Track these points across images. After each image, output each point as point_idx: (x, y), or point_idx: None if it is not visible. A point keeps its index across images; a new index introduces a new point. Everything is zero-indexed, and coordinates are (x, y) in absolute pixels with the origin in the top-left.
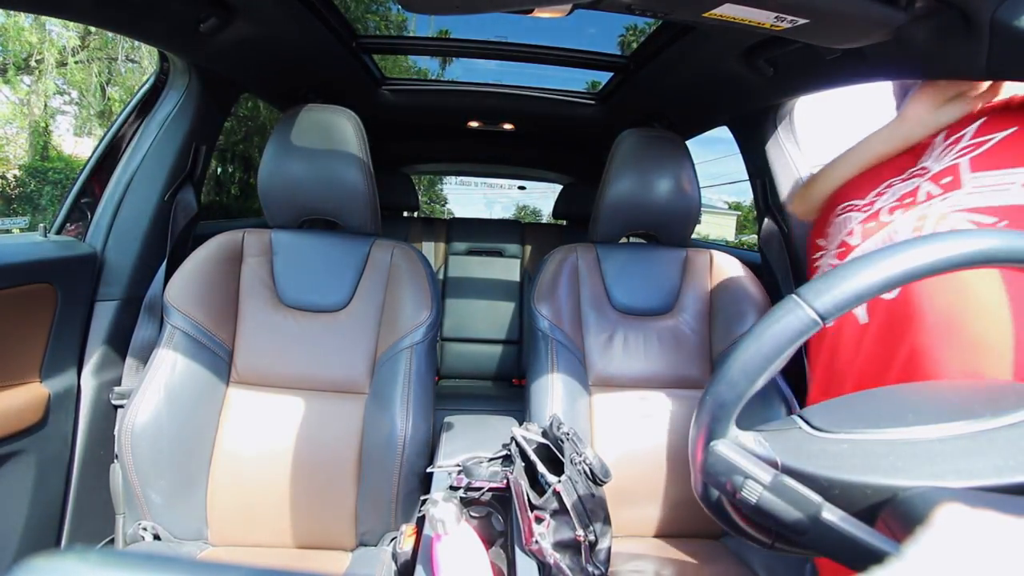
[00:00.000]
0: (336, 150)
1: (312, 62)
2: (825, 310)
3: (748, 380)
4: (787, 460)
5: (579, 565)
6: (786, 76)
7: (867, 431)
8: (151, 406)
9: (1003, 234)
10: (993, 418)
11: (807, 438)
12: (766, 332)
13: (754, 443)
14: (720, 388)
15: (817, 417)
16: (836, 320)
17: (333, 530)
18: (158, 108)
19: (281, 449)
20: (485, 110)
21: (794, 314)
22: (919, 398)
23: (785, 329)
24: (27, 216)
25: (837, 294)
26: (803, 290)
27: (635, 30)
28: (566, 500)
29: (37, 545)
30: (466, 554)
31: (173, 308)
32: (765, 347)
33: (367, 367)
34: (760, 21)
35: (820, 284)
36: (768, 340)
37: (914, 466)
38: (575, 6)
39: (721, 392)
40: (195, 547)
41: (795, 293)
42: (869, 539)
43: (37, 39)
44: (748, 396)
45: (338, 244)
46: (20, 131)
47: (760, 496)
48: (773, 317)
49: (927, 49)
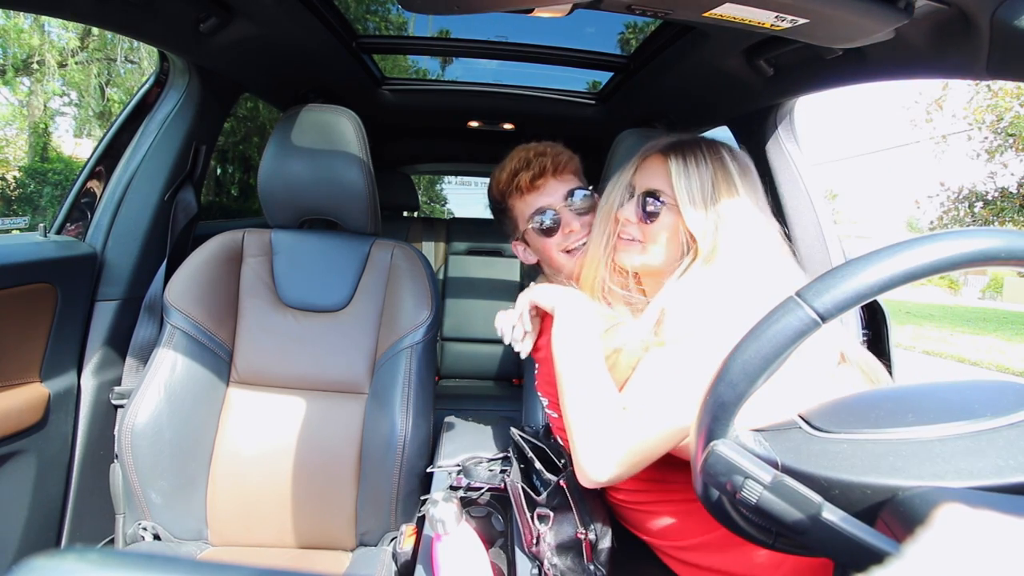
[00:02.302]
0: (336, 150)
1: (312, 62)
2: (825, 310)
3: (748, 381)
4: (787, 460)
5: (580, 566)
6: (786, 76)
7: (867, 431)
8: (151, 406)
9: (1004, 233)
10: (993, 418)
11: (807, 438)
12: (766, 332)
13: (754, 443)
14: (720, 388)
15: (817, 417)
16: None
17: (333, 530)
18: (158, 108)
19: (281, 449)
20: (485, 110)
21: (794, 314)
22: (919, 398)
23: (785, 329)
24: (27, 216)
25: (837, 294)
26: (803, 291)
27: (635, 30)
28: (569, 496)
29: (37, 545)
30: (466, 554)
31: (173, 308)
32: (765, 348)
33: (367, 367)
34: (760, 21)
35: (820, 284)
36: (768, 341)
37: (914, 466)
38: (575, 6)
39: (722, 392)
40: (195, 547)
41: (796, 294)
42: (869, 539)
43: (38, 41)
44: (748, 397)
45: (338, 244)
46: (20, 132)
47: (760, 496)
48: (773, 317)
49: (927, 49)
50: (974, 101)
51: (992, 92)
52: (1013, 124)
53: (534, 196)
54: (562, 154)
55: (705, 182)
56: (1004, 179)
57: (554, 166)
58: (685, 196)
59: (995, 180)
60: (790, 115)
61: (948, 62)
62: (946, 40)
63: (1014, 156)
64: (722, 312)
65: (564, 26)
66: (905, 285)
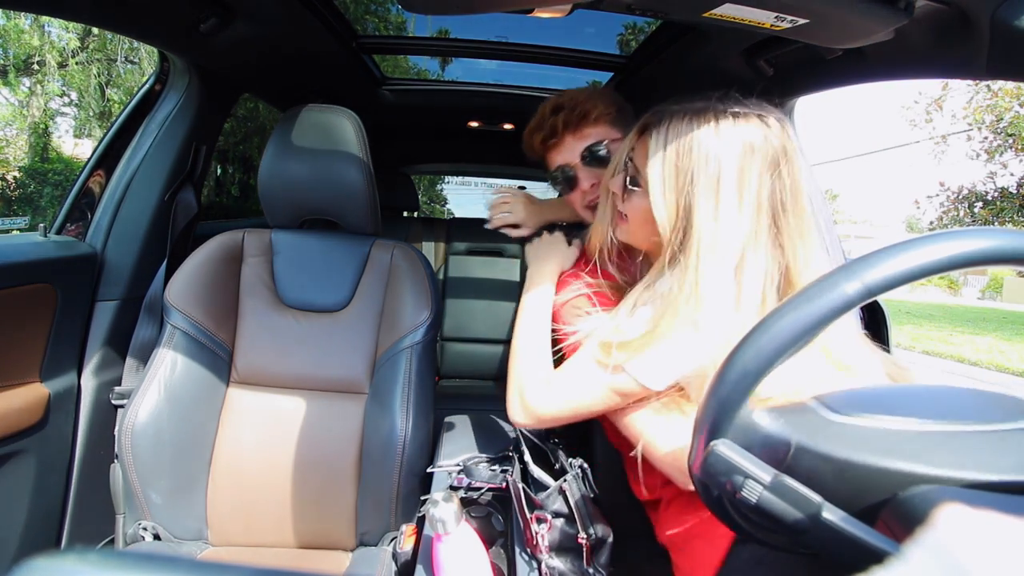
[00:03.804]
0: (336, 150)
1: (312, 62)
2: (865, 286)
3: (776, 351)
4: (802, 439)
5: (580, 569)
6: (786, 76)
7: (887, 417)
8: (151, 406)
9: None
10: (1009, 422)
11: (824, 420)
12: (804, 305)
13: (768, 421)
14: (746, 355)
15: (834, 401)
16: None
17: (333, 530)
18: (158, 108)
19: (281, 449)
20: (485, 110)
21: (839, 288)
22: (937, 397)
23: (829, 302)
24: (27, 216)
25: (882, 270)
26: (847, 266)
27: (635, 30)
28: (570, 498)
29: (37, 545)
30: (466, 554)
31: (173, 308)
32: (804, 316)
33: (367, 367)
34: (760, 21)
35: (863, 261)
36: (807, 312)
37: (936, 454)
38: (575, 6)
39: (749, 358)
40: (195, 547)
41: (841, 267)
42: (869, 539)
43: (39, 41)
44: (778, 364)
45: (338, 244)
46: (20, 133)
47: (760, 496)
48: (812, 290)
49: (927, 49)
50: (974, 101)
51: (992, 92)
52: (1013, 124)
53: (553, 154)
54: (583, 104)
55: (683, 170)
56: (1004, 179)
57: (570, 122)
58: (656, 180)
59: (995, 180)
60: (790, 115)
61: (948, 62)
62: (946, 40)
63: (1014, 156)
64: (652, 354)
65: (564, 26)
66: (913, 282)
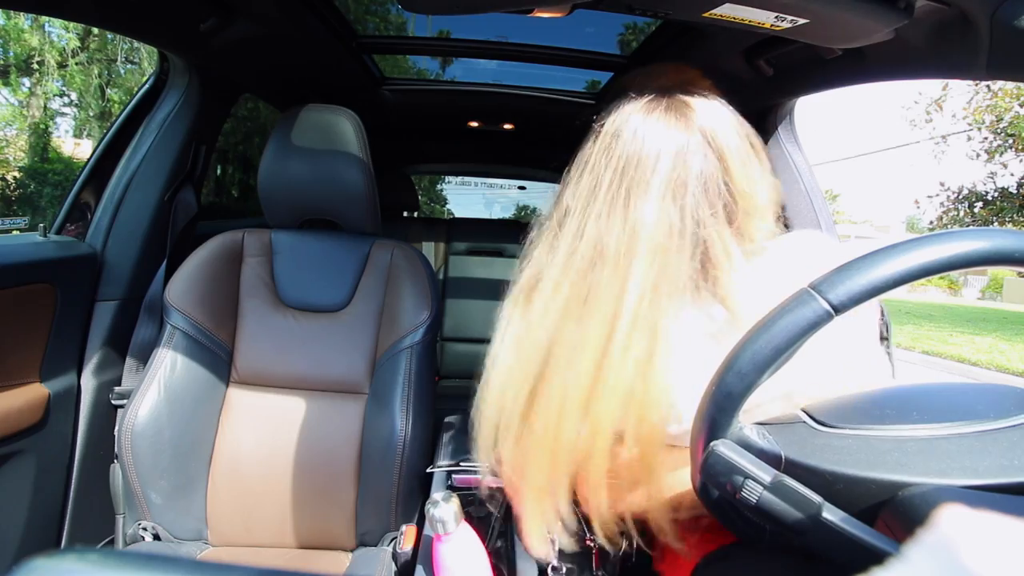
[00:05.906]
0: (336, 150)
1: (312, 62)
2: (839, 302)
3: (758, 371)
4: (791, 454)
5: (587, 572)
6: (786, 76)
7: (872, 427)
8: (151, 406)
9: (1017, 234)
10: (996, 420)
11: (812, 433)
12: (778, 323)
13: (758, 436)
14: (729, 378)
15: (821, 413)
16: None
17: (333, 530)
18: (158, 108)
19: (281, 449)
20: (485, 110)
21: (808, 306)
22: (923, 397)
23: (798, 320)
24: (27, 216)
25: (852, 286)
26: (817, 282)
27: (635, 30)
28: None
29: (37, 545)
30: (466, 554)
31: (173, 308)
32: (776, 338)
33: (367, 367)
34: (760, 21)
35: (835, 276)
36: (780, 331)
37: (919, 462)
38: (575, 5)
39: (729, 382)
40: (195, 547)
41: (809, 285)
42: (869, 539)
43: (38, 42)
44: (756, 387)
45: (338, 244)
46: (20, 133)
47: (760, 496)
48: (786, 308)
49: (927, 49)
50: (974, 101)
51: (992, 92)
52: (1013, 124)
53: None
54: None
55: (602, 172)
56: (1004, 179)
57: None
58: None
59: (995, 180)
60: (790, 115)
61: (948, 62)
62: (946, 40)
63: (1014, 156)
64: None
65: (564, 26)
66: (915, 281)
